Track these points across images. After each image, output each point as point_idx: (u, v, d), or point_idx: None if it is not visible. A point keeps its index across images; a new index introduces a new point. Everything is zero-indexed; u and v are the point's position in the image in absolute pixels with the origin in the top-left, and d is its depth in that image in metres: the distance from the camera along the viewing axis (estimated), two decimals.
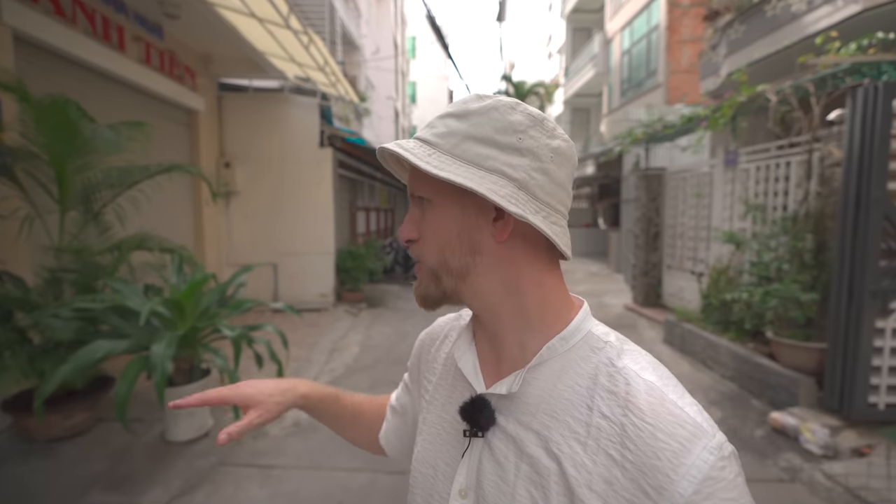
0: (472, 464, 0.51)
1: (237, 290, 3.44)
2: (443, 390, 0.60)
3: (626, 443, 0.42)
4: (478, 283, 0.51)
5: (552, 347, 0.49)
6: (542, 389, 0.48)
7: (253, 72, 6.31)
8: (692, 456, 0.40)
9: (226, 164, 6.48)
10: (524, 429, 0.48)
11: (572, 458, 0.44)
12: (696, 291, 5.74)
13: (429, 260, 0.52)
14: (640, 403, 0.43)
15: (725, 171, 5.03)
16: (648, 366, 0.47)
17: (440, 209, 0.51)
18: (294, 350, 4.72)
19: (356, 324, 6.12)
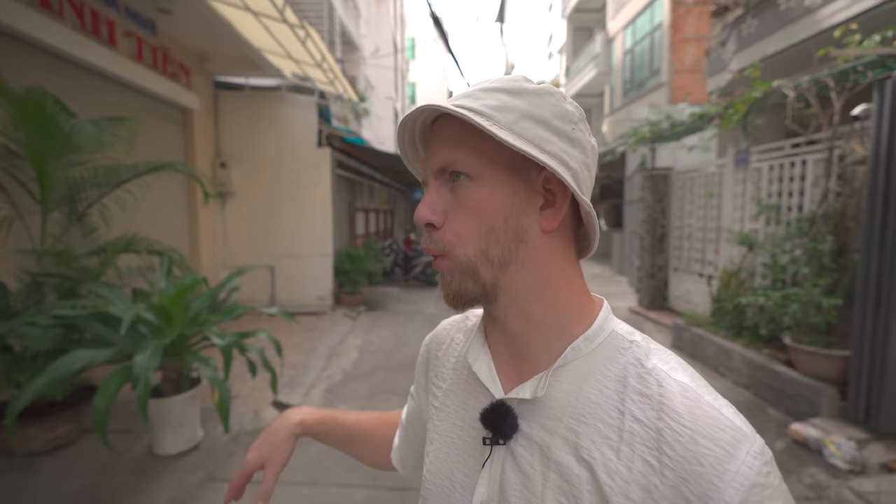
0: (494, 474, 0.47)
1: (230, 294, 3.28)
2: (455, 396, 0.56)
3: (664, 448, 0.40)
4: (515, 276, 0.47)
5: (576, 348, 0.46)
6: (567, 392, 0.45)
7: (249, 70, 6.16)
8: (737, 462, 0.38)
9: (222, 164, 6.32)
10: (550, 434, 0.45)
11: (605, 464, 0.42)
12: (704, 294, 5.59)
13: (463, 250, 0.46)
14: (675, 406, 0.41)
15: (736, 170, 4.88)
16: (678, 366, 0.45)
17: (490, 188, 0.45)
18: (291, 356, 4.57)
19: (355, 328, 5.96)
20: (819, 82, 3.43)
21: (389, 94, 17.60)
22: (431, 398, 0.60)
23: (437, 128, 0.49)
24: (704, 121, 4.66)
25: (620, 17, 13.10)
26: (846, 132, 3.29)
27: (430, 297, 8.27)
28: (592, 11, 17.29)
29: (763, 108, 3.94)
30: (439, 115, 0.48)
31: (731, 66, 5.88)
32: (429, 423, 0.59)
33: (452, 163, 0.46)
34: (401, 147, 0.52)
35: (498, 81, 0.46)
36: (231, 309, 2.83)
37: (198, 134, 5.97)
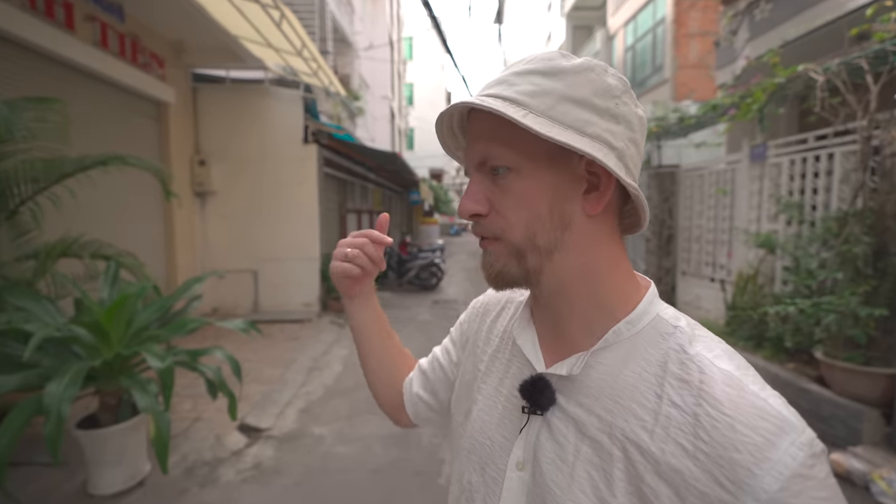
0: (529, 439, 0.50)
1: (190, 304, 2.89)
2: (499, 364, 0.58)
3: (700, 433, 0.39)
4: (561, 261, 0.47)
5: (618, 331, 0.47)
6: (606, 374, 0.46)
7: (230, 61, 5.78)
8: (779, 451, 0.37)
9: (200, 162, 5.94)
10: (586, 412, 0.46)
11: (638, 444, 0.42)
12: (716, 300, 5.21)
13: (512, 236, 0.47)
14: (716, 393, 0.40)
15: (752, 166, 4.51)
16: (724, 354, 0.43)
17: (532, 179, 0.46)
18: (268, 370, 4.17)
19: (342, 336, 5.56)
20: (850, 65, 3.07)
21: (385, 94, 17.24)
22: (475, 359, 0.62)
23: (473, 120, 0.49)
24: (718, 112, 4.29)
25: (621, 14, 12.77)
26: (884, 120, 2.92)
27: (423, 302, 7.88)
28: (592, 9, 16.97)
29: (785, 96, 3.58)
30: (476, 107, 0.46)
31: (740, 57, 5.51)
32: (474, 382, 0.60)
33: (490, 157, 0.47)
34: (440, 139, 0.53)
35: (532, 62, 0.46)
36: (182, 324, 2.44)
37: (174, 129, 5.58)
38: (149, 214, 5.23)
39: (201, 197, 6.14)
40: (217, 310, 6.27)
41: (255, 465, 2.72)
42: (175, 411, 3.23)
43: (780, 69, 3.57)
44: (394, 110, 19.00)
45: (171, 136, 5.53)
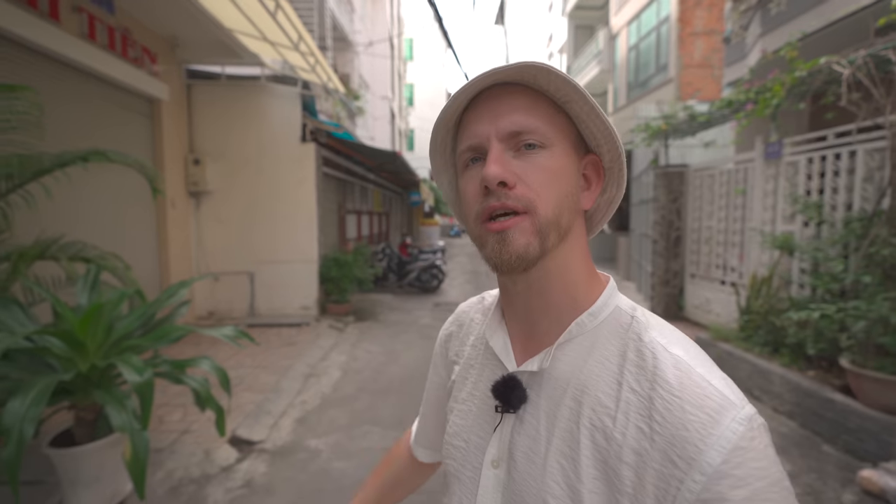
0: (503, 437, 0.51)
1: (177, 310, 2.71)
2: (473, 370, 0.60)
3: (654, 415, 0.42)
4: (564, 248, 0.49)
5: (581, 323, 0.49)
6: (572, 365, 0.48)
7: (225, 57, 5.62)
8: (721, 427, 0.39)
9: (195, 161, 5.77)
10: (556, 404, 0.48)
11: (603, 431, 0.44)
12: (727, 304, 5.03)
13: (544, 209, 0.46)
14: (667, 377, 0.43)
15: (766, 165, 4.34)
16: (676, 340, 0.47)
17: (561, 158, 0.48)
18: (263, 377, 3.99)
19: (340, 341, 5.39)
20: (878, 57, 2.90)
21: (385, 94, 17.09)
22: (450, 373, 0.65)
23: (499, 93, 0.48)
24: (733, 108, 4.12)
25: (624, 13, 12.62)
26: None
27: (424, 304, 7.70)
28: (594, 9, 16.83)
29: (805, 91, 3.41)
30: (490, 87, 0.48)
31: (753, 53, 5.35)
32: (450, 394, 0.63)
33: (529, 128, 0.47)
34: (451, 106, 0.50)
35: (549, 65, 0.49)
36: (166, 332, 2.26)
37: (167, 127, 5.41)
38: (140, 215, 5.05)
39: (196, 197, 5.97)
40: (213, 313, 6.09)
41: (246, 483, 2.54)
42: (163, 422, 3.05)
43: (799, 62, 3.40)
44: (394, 110, 18.85)
45: (165, 134, 5.36)
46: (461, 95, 0.48)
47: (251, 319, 5.93)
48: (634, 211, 9.51)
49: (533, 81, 0.46)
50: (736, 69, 5.88)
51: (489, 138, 0.47)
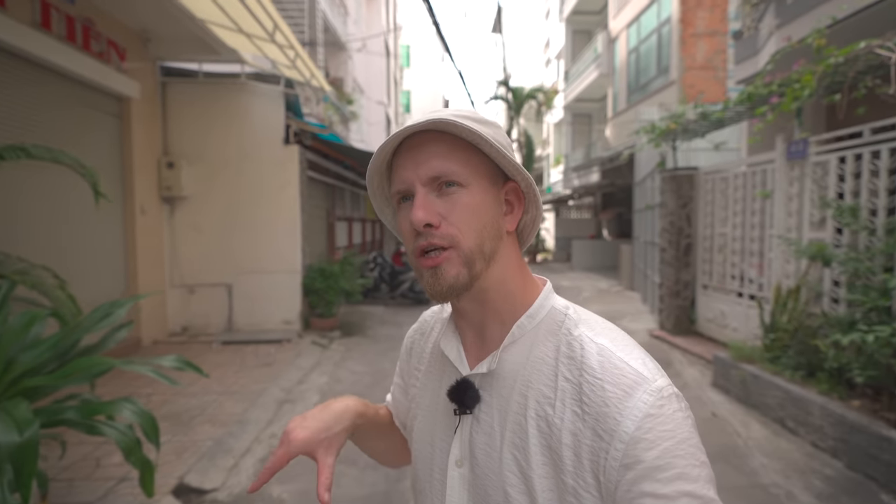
0: (464, 437, 0.55)
1: (112, 335, 2.26)
2: (433, 377, 0.63)
3: (584, 398, 0.47)
4: (493, 267, 0.54)
5: (521, 325, 0.54)
6: (517, 364, 0.53)
7: (203, 53, 5.24)
8: (634, 399, 0.45)
9: (169, 164, 5.35)
10: (506, 401, 0.53)
11: (546, 419, 0.49)
12: (745, 318, 4.61)
13: (466, 243, 0.52)
14: (592, 363, 0.48)
15: (789, 166, 3.95)
16: (602, 331, 0.52)
17: (479, 194, 0.53)
18: (229, 405, 3.55)
19: (323, 360, 4.94)
20: None
21: (381, 99, 16.77)
22: (413, 380, 0.68)
23: (420, 141, 0.53)
24: (755, 102, 3.73)
25: (623, 15, 12.35)
26: None
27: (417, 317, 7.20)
28: (592, 14, 16.62)
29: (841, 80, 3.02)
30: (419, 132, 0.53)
31: (767, 47, 4.99)
32: (413, 401, 0.66)
33: (446, 172, 0.52)
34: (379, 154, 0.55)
35: (463, 111, 0.53)
36: (79, 366, 1.81)
37: (138, 127, 5.01)
38: (103, 222, 4.61)
39: (170, 203, 5.55)
40: (186, 329, 5.64)
41: None
42: (100, 466, 2.60)
43: (830, 49, 3.02)
44: (390, 116, 18.53)
45: (135, 135, 4.95)
46: (386, 147, 0.54)
47: (228, 335, 5.48)
48: (638, 217, 9.13)
49: (446, 129, 0.51)
50: (747, 66, 5.52)
51: (413, 183, 0.52)
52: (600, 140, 14.69)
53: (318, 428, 0.57)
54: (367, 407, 0.66)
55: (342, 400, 0.63)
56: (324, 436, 0.57)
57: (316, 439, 0.56)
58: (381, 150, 0.54)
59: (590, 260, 13.98)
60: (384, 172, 0.58)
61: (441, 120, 0.49)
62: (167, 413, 3.36)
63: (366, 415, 0.65)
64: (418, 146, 0.52)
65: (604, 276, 12.16)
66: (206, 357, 4.78)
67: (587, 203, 20.23)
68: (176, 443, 2.88)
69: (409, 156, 0.53)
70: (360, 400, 0.66)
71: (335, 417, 0.59)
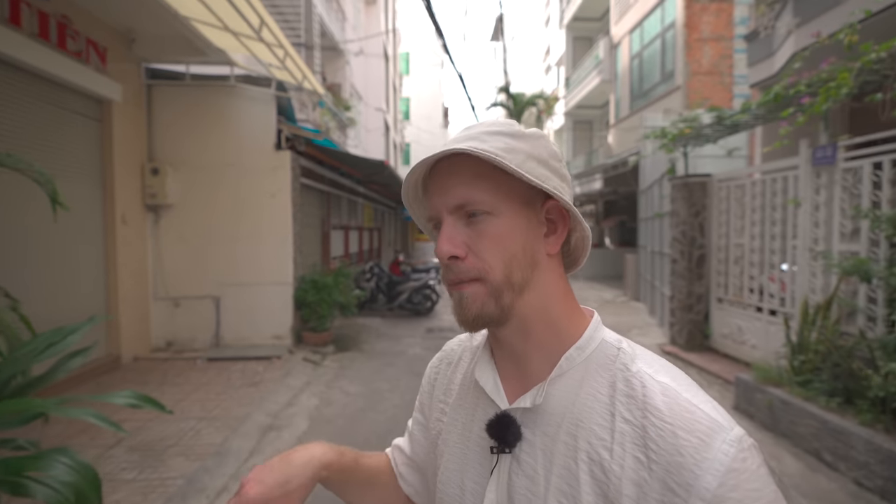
0: (501, 480, 0.50)
1: (63, 363, 1.96)
2: (463, 410, 0.58)
3: (649, 444, 0.42)
4: (529, 297, 0.50)
5: (570, 358, 0.50)
6: (564, 399, 0.49)
7: (190, 54, 4.98)
8: (713, 450, 0.40)
9: (153, 170, 5.07)
10: (552, 440, 0.48)
11: (601, 464, 0.44)
12: (766, 335, 4.32)
13: (493, 276, 0.49)
14: (657, 404, 0.44)
15: (815, 172, 3.67)
16: (661, 368, 0.48)
17: (508, 221, 0.50)
18: (207, 432, 3.23)
19: (315, 378, 4.62)
20: None
21: (380, 106, 16.57)
22: (438, 414, 0.62)
23: (446, 168, 0.51)
24: (780, 104, 3.46)
25: (626, 21, 12.18)
26: None
27: (415, 330, 6.95)
28: (593, 20, 16.49)
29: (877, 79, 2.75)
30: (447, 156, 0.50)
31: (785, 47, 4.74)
32: (438, 438, 0.60)
33: (472, 201, 0.49)
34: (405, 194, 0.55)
35: (496, 125, 0.51)
36: (8, 407, 1.50)
37: (120, 131, 4.73)
38: (81, 233, 4.33)
39: (154, 211, 5.26)
40: (171, 344, 5.33)
41: None
42: None
43: (867, 46, 2.75)
44: (388, 123, 18.33)
45: (116, 140, 4.68)
46: (411, 177, 0.53)
47: (214, 351, 5.16)
48: (644, 226, 8.85)
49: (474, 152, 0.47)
50: (762, 68, 5.28)
51: (440, 212, 0.51)
52: (602, 147, 14.47)
53: (273, 483, 0.53)
54: (340, 455, 0.60)
55: (308, 448, 0.59)
56: (278, 493, 0.52)
57: (270, 496, 0.52)
58: (407, 179, 0.54)
59: (593, 269, 13.69)
60: (419, 188, 0.57)
61: (455, 149, 0.47)
62: (139, 443, 3.04)
63: (335, 465, 0.59)
64: (446, 171, 0.51)
65: (608, 285, 11.87)
66: (188, 376, 4.47)
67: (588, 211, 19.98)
68: (143, 482, 2.56)
69: (437, 182, 0.52)
70: (333, 447, 0.61)
71: (296, 470, 0.55)
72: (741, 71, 9.58)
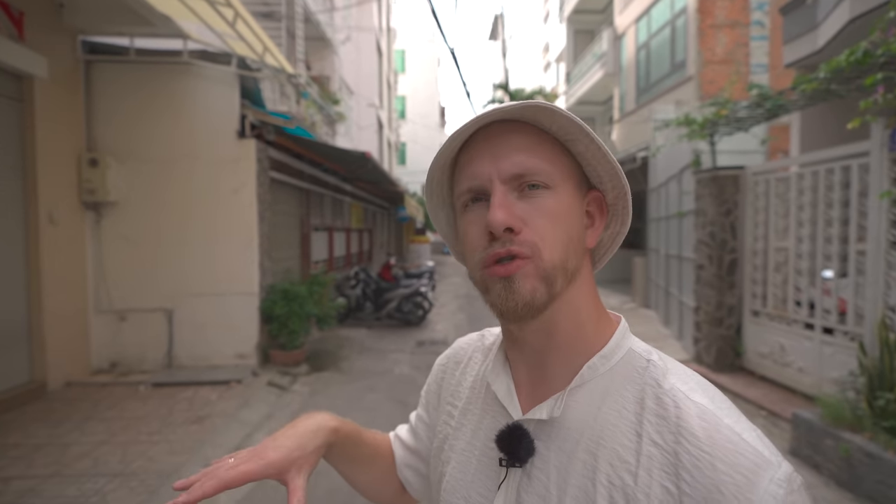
0: (509, 496, 0.46)
1: None
2: (472, 416, 0.55)
3: (682, 474, 0.38)
4: (573, 290, 0.47)
5: (593, 367, 0.46)
6: (585, 413, 0.44)
7: (133, 24, 4.23)
8: (759, 490, 0.36)
9: (91, 162, 4.31)
10: (568, 458, 0.44)
11: (623, 490, 0.40)
12: (818, 357, 3.59)
13: (549, 255, 0.44)
14: (693, 429, 0.39)
15: (894, 159, 2.95)
16: (697, 387, 0.43)
17: (566, 199, 0.46)
18: (117, 498, 2.46)
19: (278, 409, 3.86)
20: None
21: (373, 102, 15.83)
22: (446, 417, 0.59)
23: (499, 132, 0.46)
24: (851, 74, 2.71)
25: (632, 9, 11.47)
26: None
27: (404, 343, 6.19)
28: (595, 13, 15.81)
29: None
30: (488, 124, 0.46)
31: (833, 17, 4.02)
32: (445, 442, 0.57)
33: (532, 170, 0.45)
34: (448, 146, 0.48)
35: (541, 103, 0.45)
36: None
37: (46, 114, 3.97)
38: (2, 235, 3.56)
39: (95, 209, 4.49)
40: (116, 365, 4.55)
41: None
42: None
43: None
44: (382, 120, 17.59)
45: (41, 124, 3.92)
46: (461, 135, 0.47)
47: (164, 374, 4.39)
48: (655, 227, 8.13)
49: (533, 119, 0.45)
50: (802, 44, 4.56)
51: (491, 180, 0.45)
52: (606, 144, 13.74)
53: (291, 447, 0.51)
54: (344, 423, 0.58)
55: (314, 416, 0.56)
56: (297, 454, 0.50)
57: (289, 459, 0.49)
58: (452, 139, 0.47)
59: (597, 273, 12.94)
60: (447, 168, 0.51)
61: (537, 104, 0.42)
62: None
63: (342, 431, 0.57)
64: (497, 136, 0.46)
65: (612, 290, 11.13)
66: (124, 407, 3.70)
67: None
68: None
69: (485, 147, 0.46)
70: (335, 416, 0.58)
71: (308, 435, 0.53)
72: (758, 60, 8.90)
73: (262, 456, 0.48)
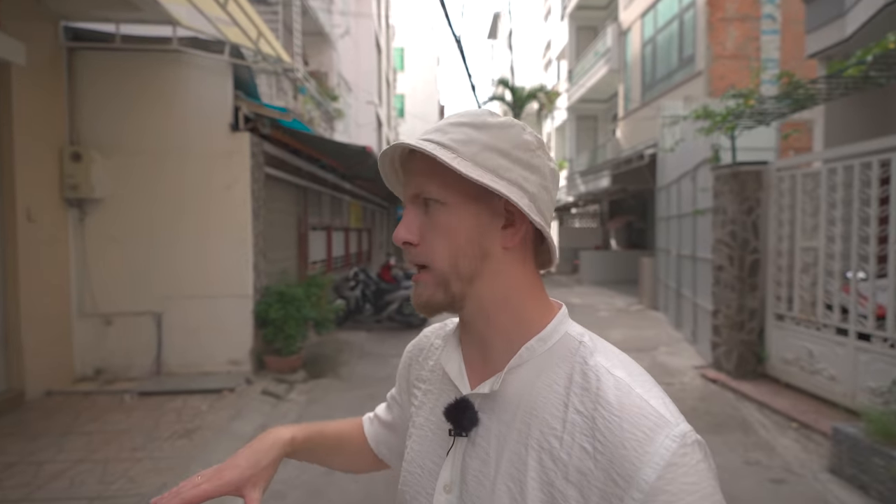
0: (456, 461, 0.52)
1: None
2: (431, 395, 0.60)
3: (597, 435, 0.43)
4: (482, 287, 0.52)
5: (531, 348, 0.50)
6: (521, 388, 0.50)
7: (119, 8, 3.95)
8: (655, 444, 0.41)
9: (74, 156, 4.04)
10: (506, 426, 0.49)
11: (550, 452, 0.45)
12: (852, 365, 3.36)
13: (438, 264, 0.51)
14: (608, 397, 0.44)
15: None
16: (619, 363, 0.48)
17: (456, 212, 0.51)
18: None
19: (273, 420, 3.60)
20: None
21: (371, 99, 15.57)
22: (412, 399, 0.64)
23: (412, 159, 0.54)
24: None
25: (637, 4, 11.24)
26: None
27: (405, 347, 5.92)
28: (598, 9, 15.57)
29: None
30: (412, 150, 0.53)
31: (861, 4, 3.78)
32: (409, 420, 0.63)
33: (424, 191, 0.52)
34: (383, 174, 0.58)
35: (465, 116, 0.52)
36: None
37: (25, 105, 3.71)
38: None
39: (78, 206, 4.22)
40: (101, 372, 4.28)
41: None
42: None
43: None
44: (381, 118, 17.32)
45: (18, 115, 3.65)
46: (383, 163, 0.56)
47: (151, 383, 4.13)
48: (663, 226, 7.90)
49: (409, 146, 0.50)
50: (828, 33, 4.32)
51: (405, 199, 0.54)
52: (610, 142, 13.51)
53: (245, 466, 0.57)
54: (300, 429, 0.65)
55: (270, 433, 0.62)
56: (250, 473, 0.56)
57: (243, 477, 0.56)
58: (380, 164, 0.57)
59: (600, 273, 12.73)
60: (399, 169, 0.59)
61: (399, 144, 0.51)
62: None
63: (298, 440, 0.63)
64: (411, 162, 0.54)
65: (618, 291, 10.89)
66: (106, 419, 3.44)
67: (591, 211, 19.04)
68: None
69: (405, 170, 0.56)
70: (294, 426, 0.65)
71: (263, 452, 0.59)
72: (769, 54, 8.67)
73: (220, 476, 0.55)
